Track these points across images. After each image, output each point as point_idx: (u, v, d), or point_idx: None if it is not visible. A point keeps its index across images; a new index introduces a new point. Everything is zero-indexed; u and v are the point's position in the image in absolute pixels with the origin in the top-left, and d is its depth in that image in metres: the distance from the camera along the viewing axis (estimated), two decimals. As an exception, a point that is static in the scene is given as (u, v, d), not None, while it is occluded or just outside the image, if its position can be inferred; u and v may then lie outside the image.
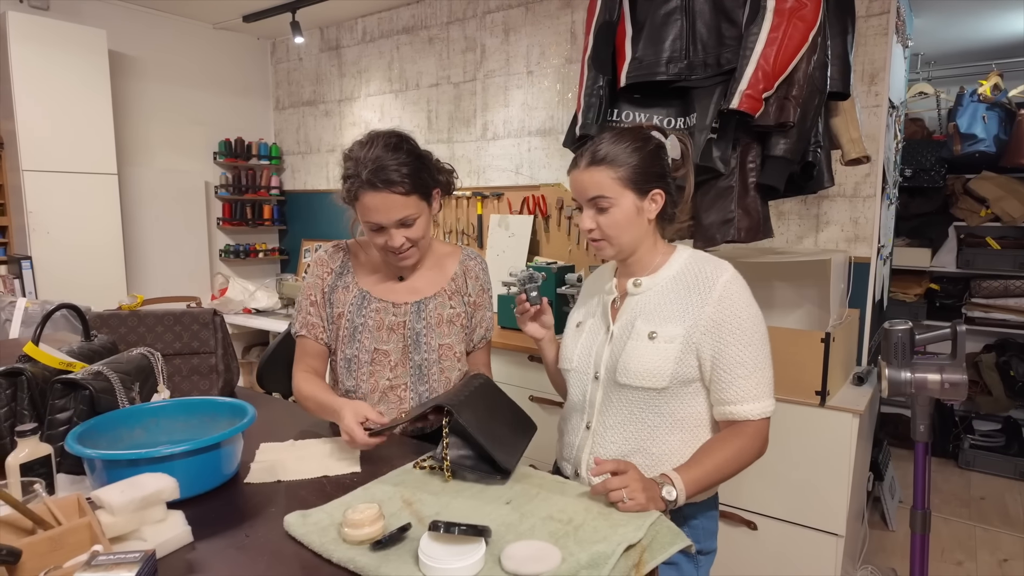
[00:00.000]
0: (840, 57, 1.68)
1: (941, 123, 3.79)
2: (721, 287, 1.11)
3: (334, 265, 1.40)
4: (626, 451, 1.15)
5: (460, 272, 1.42)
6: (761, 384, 1.11)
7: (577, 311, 1.31)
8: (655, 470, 1.12)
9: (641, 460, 1.14)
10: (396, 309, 1.36)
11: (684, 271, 1.16)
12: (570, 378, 1.25)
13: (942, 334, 1.44)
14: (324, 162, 4.17)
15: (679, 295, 1.14)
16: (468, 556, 0.81)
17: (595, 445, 1.18)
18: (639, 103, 1.75)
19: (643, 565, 0.89)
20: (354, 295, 1.37)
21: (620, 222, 1.12)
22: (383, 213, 1.22)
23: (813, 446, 1.86)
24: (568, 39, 2.99)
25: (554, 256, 3.03)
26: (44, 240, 3.15)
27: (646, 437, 1.14)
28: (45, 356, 1.19)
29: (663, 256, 1.19)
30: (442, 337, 1.37)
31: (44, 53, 3.08)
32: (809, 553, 1.90)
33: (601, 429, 1.17)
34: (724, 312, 1.10)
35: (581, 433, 1.21)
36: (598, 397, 1.18)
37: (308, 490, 1.07)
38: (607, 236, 1.14)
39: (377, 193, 1.20)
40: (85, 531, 0.80)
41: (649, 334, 1.12)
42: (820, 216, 2.36)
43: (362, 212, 1.24)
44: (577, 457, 1.21)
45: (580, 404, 1.22)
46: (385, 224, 1.24)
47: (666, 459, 1.14)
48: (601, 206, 1.12)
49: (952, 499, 3.07)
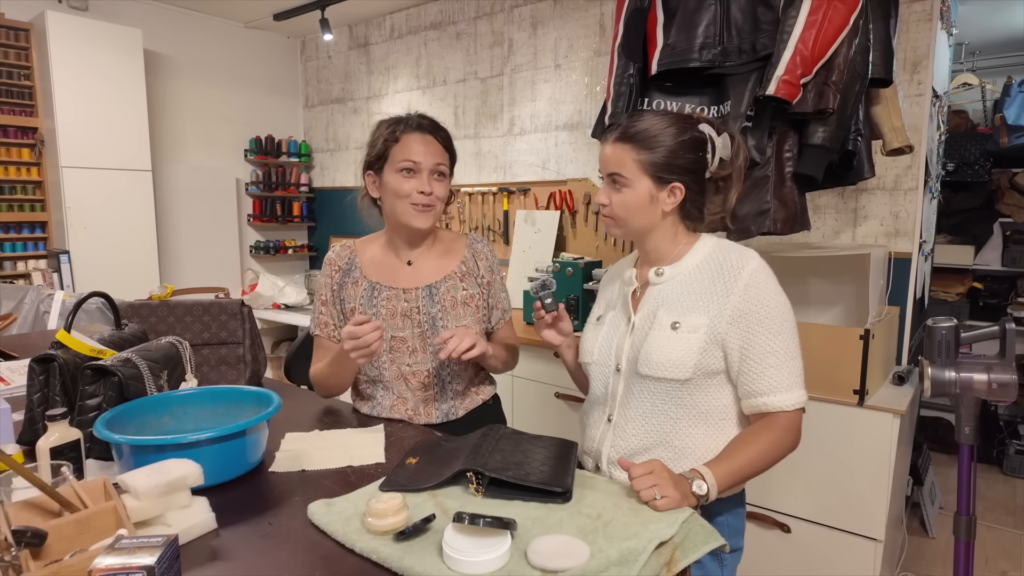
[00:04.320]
0: (883, 42, 1.62)
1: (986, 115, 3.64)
2: (747, 276, 1.07)
3: (340, 263, 1.43)
4: (648, 444, 1.12)
5: (469, 255, 1.43)
6: (793, 374, 1.07)
7: (597, 305, 1.29)
8: (678, 463, 1.08)
9: (663, 453, 1.11)
10: (406, 295, 1.37)
11: (708, 260, 1.12)
12: (591, 371, 1.22)
13: (990, 332, 1.37)
14: (352, 159, 4.20)
15: (703, 284, 1.10)
16: (493, 549, 0.78)
17: (616, 438, 1.15)
18: (671, 91, 1.71)
19: (675, 563, 0.85)
20: (363, 288, 1.39)
21: (631, 205, 1.10)
22: (424, 154, 1.30)
23: (851, 447, 1.80)
24: (597, 31, 2.95)
25: (581, 252, 3.00)
26: (82, 235, 3.23)
27: (669, 430, 1.11)
28: (76, 343, 1.21)
29: (685, 245, 1.16)
30: (459, 319, 1.37)
31: (82, 53, 3.16)
32: (845, 558, 1.84)
33: (623, 422, 1.14)
34: (751, 301, 1.06)
35: (602, 426, 1.18)
36: (619, 389, 1.15)
37: (332, 479, 1.06)
38: (615, 215, 1.13)
39: (423, 135, 1.31)
40: (111, 515, 0.80)
41: (672, 324, 1.08)
42: (858, 210, 2.28)
43: (402, 152, 1.30)
44: (598, 450, 1.18)
45: (601, 397, 1.19)
46: (423, 165, 1.30)
47: (689, 452, 1.10)
48: (616, 182, 1.11)
49: (997, 507, 2.95)
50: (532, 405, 2.52)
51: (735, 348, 1.07)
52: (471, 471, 0.98)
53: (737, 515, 1.19)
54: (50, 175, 3.25)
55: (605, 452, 1.16)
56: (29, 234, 3.29)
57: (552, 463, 1.03)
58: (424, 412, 1.39)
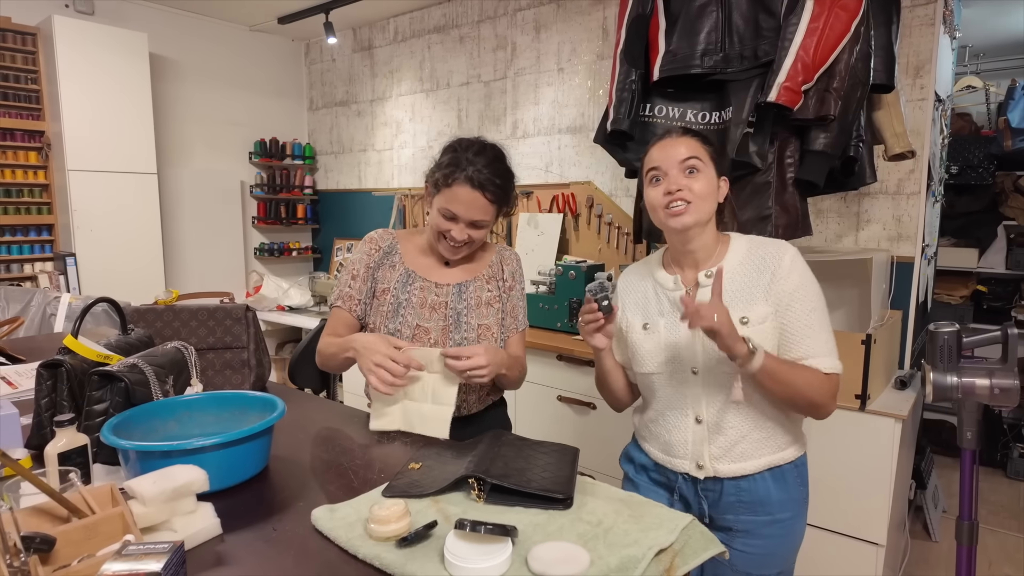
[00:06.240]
0: (884, 48, 1.62)
1: (990, 118, 3.64)
2: (788, 262, 1.16)
3: (383, 244, 1.48)
4: (744, 432, 1.18)
5: (496, 260, 1.51)
6: (829, 344, 1.16)
7: (632, 313, 1.29)
8: (772, 442, 1.19)
9: (760, 435, 1.18)
10: (439, 289, 1.44)
11: (749, 255, 1.20)
12: (657, 381, 1.24)
13: (992, 337, 1.37)
14: (356, 162, 4.22)
15: (751, 278, 1.17)
16: (494, 556, 0.79)
17: (713, 435, 1.19)
18: (673, 97, 1.71)
19: (674, 570, 0.86)
20: (400, 273, 1.45)
21: (706, 189, 1.17)
22: (467, 208, 1.33)
23: (853, 451, 1.80)
24: (600, 35, 2.95)
25: (584, 255, 3.00)
26: (88, 237, 3.25)
27: (758, 414, 1.18)
28: (84, 349, 1.22)
29: (723, 245, 1.23)
30: (481, 318, 1.43)
31: (89, 56, 3.18)
32: (848, 562, 1.84)
33: (715, 420, 1.19)
34: (792, 283, 1.15)
35: (692, 428, 1.21)
36: (701, 391, 1.19)
37: (336, 485, 1.08)
38: (695, 198, 1.15)
39: (473, 190, 1.32)
40: (118, 521, 0.81)
41: (740, 320, 1.13)
42: (861, 214, 2.29)
43: (448, 199, 1.34)
44: (696, 451, 1.21)
45: (679, 402, 1.22)
46: (462, 218, 1.34)
47: (779, 430, 1.19)
48: (693, 167, 1.16)
49: (1000, 510, 2.94)
50: (535, 409, 2.52)
51: (781, 324, 1.16)
52: (473, 477, 0.99)
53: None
54: (57, 178, 3.28)
55: (706, 451, 1.20)
56: (36, 237, 3.31)
57: (554, 470, 1.04)
58: None
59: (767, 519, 1.19)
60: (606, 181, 2.98)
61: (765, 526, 1.19)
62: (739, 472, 1.18)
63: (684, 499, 1.25)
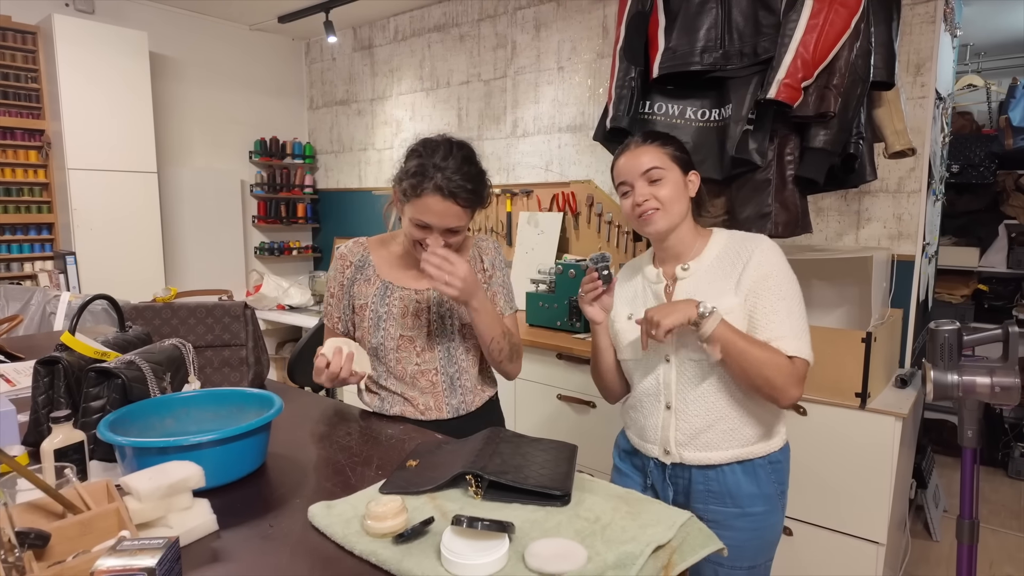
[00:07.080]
0: (884, 45, 1.61)
1: (991, 116, 3.63)
2: (759, 253, 1.20)
3: (353, 259, 1.44)
4: (710, 421, 1.21)
5: (475, 254, 1.46)
6: (797, 328, 1.17)
7: (622, 304, 1.35)
8: (740, 433, 1.21)
9: (726, 425, 1.21)
10: (418, 295, 1.41)
11: (726, 250, 1.24)
12: (636, 368, 1.30)
13: (993, 335, 1.37)
14: (356, 161, 4.21)
15: (724, 271, 1.22)
16: (491, 552, 0.79)
17: (679, 422, 1.24)
18: (672, 94, 1.71)
19: (672, 567, 0.86)
20: (376, 287, 1.41)
21: (672, 193, 1.22)
22: (440, 218, 1.27)
23: (853, 450, 1.79)
24: (599, 34, 2.95)
25: (584, 253, 3.00)
26: (88, 236, 3.25)
27: (725, 404, 1.21)
28: (81, 345, 1.22)
29: (703, 239, 1.27)
30: (463, 317, 1.39)
31: (89, 55, 3.18)
32: (848, 561, 1.83)
33: (682, 406, 1.23)
34: (762, 271, 1.18)
35: (662, 414, 1.26)
36: (672, 378, 1.24)
37: (333, 482, 1.07)
38: (663, 204, 1.21)
39: (443, 200, 1.25)
40: (113, 517, 0.81)
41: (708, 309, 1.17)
42: (861, 212, 2.28)
43: (419, 210, 1.27)
44: (664, 437, 1.26)
45: (654, 389, 1.27)
46: (436, 227, 1.29)
47: (747, 420, 1.21)
48: (655, 177, 1.22)
49: (1001, 510, 2.93)
50: (535, 408, 2.52)
51: (749, 311, 1.19)
52: (470, 474, 0.98)
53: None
54: (57, 177, 3.28)
55: (672, 437, 1.25)
56: (36, 235, 3.31)
57: (552, 466, 1.03)
58: (435, 407, 1.40)
59: (736, 511, 1.22)
60: (606, 180, 2.97)
61: (735, 518, 1.22)
62: (704, 461, 1.22)
63: (653, 486, 1.30)
